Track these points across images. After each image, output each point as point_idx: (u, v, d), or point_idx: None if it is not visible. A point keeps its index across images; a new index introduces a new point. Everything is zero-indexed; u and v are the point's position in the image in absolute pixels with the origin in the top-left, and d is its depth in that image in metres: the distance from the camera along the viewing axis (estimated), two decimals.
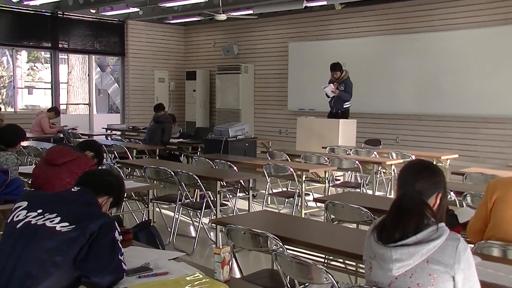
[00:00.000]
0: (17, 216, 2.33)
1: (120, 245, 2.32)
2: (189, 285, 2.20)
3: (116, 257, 2.26)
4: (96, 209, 2.44)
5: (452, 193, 4.29)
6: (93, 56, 14.79)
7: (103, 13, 12.67)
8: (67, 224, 2.24)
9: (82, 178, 2.64)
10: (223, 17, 10.90)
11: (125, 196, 2.88)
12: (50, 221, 2.26)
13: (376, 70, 10.79)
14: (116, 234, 2.31)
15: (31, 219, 2.30)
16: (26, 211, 2.34)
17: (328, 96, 8.95)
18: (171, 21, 13.85)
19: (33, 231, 2.26)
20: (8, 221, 2.35)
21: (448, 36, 9.87)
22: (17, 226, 2.29)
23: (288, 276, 2.79)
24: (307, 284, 2.83)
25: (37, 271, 2.17)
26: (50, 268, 2.17)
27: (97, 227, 2.24)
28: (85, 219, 2.26)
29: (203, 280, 2.25)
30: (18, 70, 19.69)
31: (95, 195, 2.51)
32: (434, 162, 4.63)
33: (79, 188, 2.52)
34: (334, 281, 2.44)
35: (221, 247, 2.33)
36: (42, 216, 2.30)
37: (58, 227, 2.23)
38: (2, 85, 22.51)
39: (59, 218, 2.27)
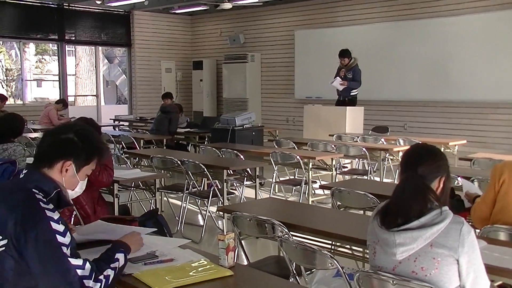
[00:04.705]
0: None
1: (62, 245, 1.85)
2: (194, 271, 2.22)
3: (64, 265, 1.86)
4: (20, 193, 1.91)
5: (459, 178, 4.27)
6: (100, 48, 14.83)
7: (108, 4, 12.66)
8: None
9: (35, 153, 2.09)
10: (228, 6, 10.88)
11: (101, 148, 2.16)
12: None
13: (383, 57, 10.73)
14: (45, 224, 1.84)
15: None
16: None
17: (338, 90, 8.86)
18: (177, 11, 13.83)
19: None
20: None
21: (455, 21, 9.78)
22: None
23: (294, 262, 2.80)
24: (313, 269, 2.84)
25: None
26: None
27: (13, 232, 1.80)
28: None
29: (208, 266, 2.26)
30: (27, 63, 19.81)
31: (41, 168, 2.00)
32: (442, 149, 4.60)
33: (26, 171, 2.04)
34: (339, 266, 2.45)
35: (225, 234, 2.33)
36: None
37: None
38: (11, 78, 22.62)
39: None
